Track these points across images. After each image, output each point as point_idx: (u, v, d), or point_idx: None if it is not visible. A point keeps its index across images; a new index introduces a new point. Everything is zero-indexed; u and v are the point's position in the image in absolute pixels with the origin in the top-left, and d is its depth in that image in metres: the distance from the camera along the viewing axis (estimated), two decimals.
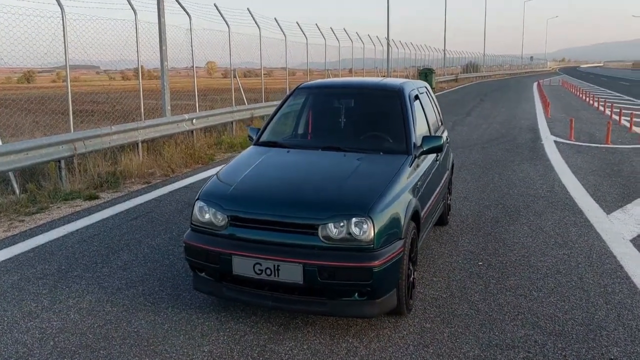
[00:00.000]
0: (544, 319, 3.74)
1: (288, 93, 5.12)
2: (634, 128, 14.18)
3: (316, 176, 3.87)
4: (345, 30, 22.98)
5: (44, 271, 4.62)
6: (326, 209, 3.38)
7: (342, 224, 3.32)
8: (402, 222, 3.55)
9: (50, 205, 6.78)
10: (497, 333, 3.55)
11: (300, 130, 4.90)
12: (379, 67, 28.72)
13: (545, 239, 5.48)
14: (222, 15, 13.67)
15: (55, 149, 7.63)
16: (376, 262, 3.26)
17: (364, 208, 3.36)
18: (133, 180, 8.29)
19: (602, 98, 24.78)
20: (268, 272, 3.34)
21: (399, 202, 3.60)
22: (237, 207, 3.55)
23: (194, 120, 11.15)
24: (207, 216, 3.63)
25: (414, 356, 3.28)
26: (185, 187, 7.87)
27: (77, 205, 6.80)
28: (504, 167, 9.37)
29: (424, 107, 5.06)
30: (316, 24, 20.11)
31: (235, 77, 14.51)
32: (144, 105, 10.85)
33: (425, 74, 32.79)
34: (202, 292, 3.85)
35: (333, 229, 3.32)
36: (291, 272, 3.30)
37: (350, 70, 25.25)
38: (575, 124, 13.27)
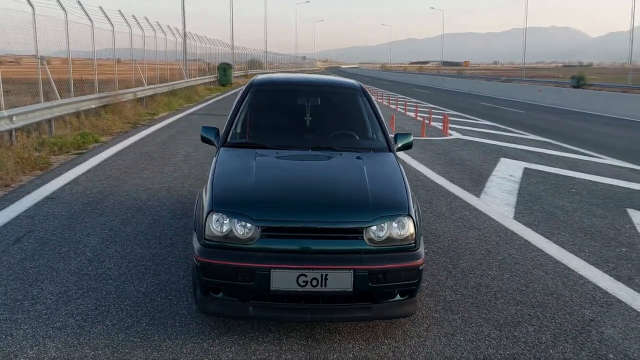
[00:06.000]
0: (518, 295, 4.23)
1: (243, 90, 4.70)
2: (433, 123, 16.44)
3: (337, 176, 3.72)
4: (147, 20, 21.51)
5: None
6: (370, 211, 3.28)
7: (384, 225, 3.27)
8: (421, 219, 3.65)
9: None
10: (495, 312, 3.91)
11: (274, 130, 4.51)
12: (179, 58, 27.64)
13: (454, 222, 6.11)
14: None
15: None
16: (420, 261, 3.32)
17: (404, 208, 3.37)
18: None
19: (385, 96, 28.03)
20: (314, 282, 3.12)
21: (414, 199, 3.69)
22: (271, 215, 3.20)
23: (14, 118, 9.33)
24: (226, 229, 3.20)
25: (451, 345, 3.43)
26: (48, 198, 6.59)
27: None
28: None
29: None
30: (119, 10, 18.41)
31: (43, 64, 12.48)
32: None
33: (224, 69, 32.71)
34: (215, 316, 3.39)
35: (377, 231, 3.25)
36: (340, 280, 3.14)
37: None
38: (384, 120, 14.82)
